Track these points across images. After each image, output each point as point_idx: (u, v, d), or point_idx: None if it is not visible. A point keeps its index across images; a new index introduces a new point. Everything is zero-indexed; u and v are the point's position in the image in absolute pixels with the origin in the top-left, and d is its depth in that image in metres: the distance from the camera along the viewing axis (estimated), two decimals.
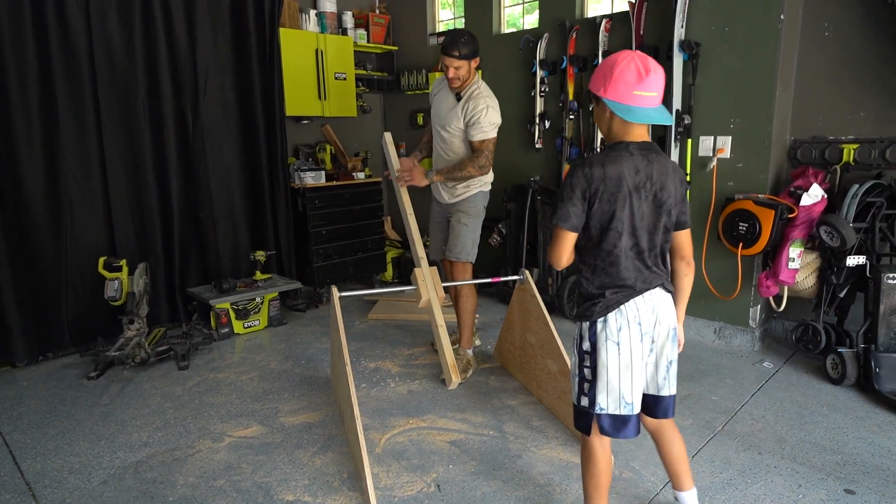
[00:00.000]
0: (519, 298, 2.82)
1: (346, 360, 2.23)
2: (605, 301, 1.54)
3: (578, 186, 1.49)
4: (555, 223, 1.54)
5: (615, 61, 1.46)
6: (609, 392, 1.56)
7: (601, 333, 1.55)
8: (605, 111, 1.50)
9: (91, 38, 3.21)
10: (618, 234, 1.50)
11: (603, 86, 1.46)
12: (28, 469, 2.20)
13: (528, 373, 2.82)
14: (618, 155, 1.49)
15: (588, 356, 1.58)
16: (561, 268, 1.59)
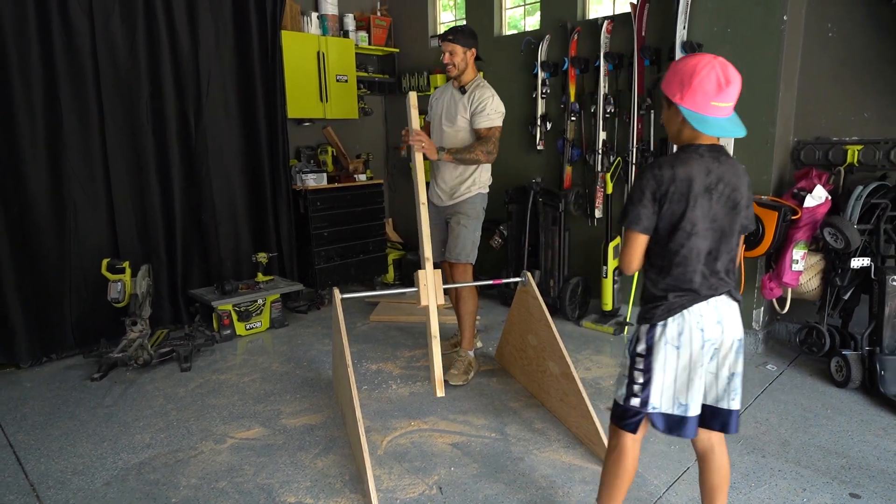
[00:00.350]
0: (520, 300, 2.82)
1: (348, 361, 2.23)
2: (667, 304, 1.50)
3: (648, 188, 1.47)
4: (626, 226, 1.51)
5: (695, 68, 1.39)
6: (664, 392, 1.53)
7: (661, 338, 1.51)
8: (677, 116, 1.47)
9: (94, 39, 3.22)
10: (686, 234, 1.47)
11: (679, 92, 1.42)
12: (32, 470, 2.20)
13: (529, 375, 2.81)
14: (688, 157, 1.47)
15: (642, 359, 1.54)
16: (632, 272, 1.56)
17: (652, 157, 3.45)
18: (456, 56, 2.80)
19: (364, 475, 1.99)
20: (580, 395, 2.32)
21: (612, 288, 3.63)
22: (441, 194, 2.99)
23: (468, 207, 2.94)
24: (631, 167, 3.54)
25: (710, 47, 3.15)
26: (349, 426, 2.37)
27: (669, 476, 2.11)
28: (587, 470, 2.16)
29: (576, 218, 3.88)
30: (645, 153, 3.48)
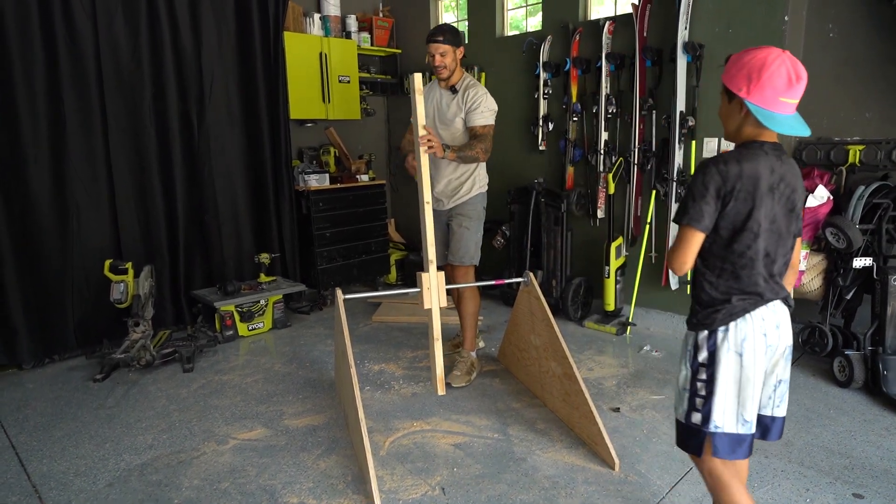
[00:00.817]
0: (523, 301, 2.82)
1: (351, 362, 2.23)
2: (729, 307, 1.41)
3: (713, 183, 1.37)
4: (685, 223, 1.40)
5: (764, 62, 1.32)
6: (727, 408, 1.42)
7: (722, 343, 1.42)
8: (738, 110, 1.39)
9: (98, 41, 3.23)
10: (753, 235, 1.39)
11: (746, 86, 1.34)
12: (34, 471, 2.21)
13: (531, 375, 2.81)
14: (753, 153, 1.38)
15: (704, 368, 1.43)
16: (683, 272, 1.44)
17: (654, 157, 3.45)
18: (447, 57, 2.77)
19: (367, 476, 1.99)
20: (582, 395, 2.31)
21: (615, 288, 3.63)
22: (441, 197, 2.95)
23: (469, 209, 2.94)
24: (633, 167, 3.54)
25: (712, 48, 3.15)
26: (351, 427, 2.37)
27: (672, 477, 2.11)
28: (590, 471, 2.15)
29: (578, 218, 3.88)
30: (647, 153, 3.48)
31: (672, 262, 1.45)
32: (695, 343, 1.46)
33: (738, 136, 1.45)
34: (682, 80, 3.23)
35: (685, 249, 1.42)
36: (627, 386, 2.87)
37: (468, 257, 2.94)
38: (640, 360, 3.21)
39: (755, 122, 1.37)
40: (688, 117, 3.25)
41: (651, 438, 2.37)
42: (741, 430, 1.43)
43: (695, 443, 1.46)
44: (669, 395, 2.76)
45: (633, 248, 3.68)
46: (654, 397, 2.74)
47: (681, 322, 3.54)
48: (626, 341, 3.50)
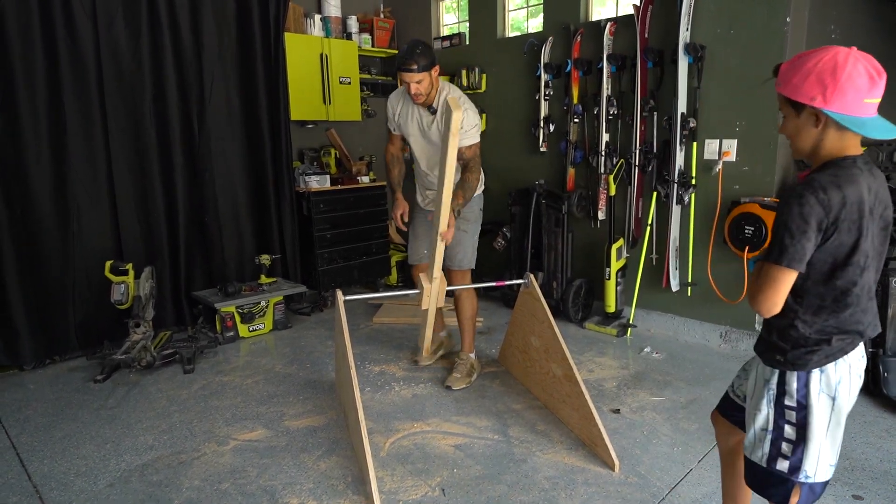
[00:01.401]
0: (524, 302, 2.82)
1: (351, 363, 2.23)
2: (827, 349, 1.26)
3: (814, 216, 1.16)
4: (785, 264, 1.19)
5: (836, 63, 1.15)
6: (821, 457, 1.28)
7: (815, 386, 1.26)
8: (813, 123, 1.21)
9: (98, 43, 3.24)
10: (859, 269, 1.22)
11: (822, 94, 1.16)
12: (35, 471, 2.21)
13: (532, 377, 2.81)
14: (850, 174, 1.19)
15: (794, 412, 1.28)
16: (772, 314, 1.26)
17: (655, 159, 3.45)
18: (423, 83, 2.55)
19: (367, 477, 2.00)
20: (583, 396, 2.32)
21: (615, 290, 3.63)
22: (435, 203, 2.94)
23: (467, 211, 2.90)
24: (634, 169, 3.54)
25: (714, 49, 3.15)
26: (351, 428, 2.37)
27: (672, 478, 2.11)
28: (590, 472, 2.15)
29: (579, 220, 3.88)
30: (648, 155, 3.48)
31: (760, 306, 1.26)
32: (780, 382, 1.30)
33: (817, 154, 1.25)
34: (684, 81, 3.23)
35: (777, 291, 1.23)
36: (628, 387, 2.86)
37: (467, 261, 2.92)
38: (641, 361, 3.21)
39: (836, 134, 1.20)
40: (689, 119, 3.25)
41: (651, 440, 2.37)
42: (829, 478, 1.31)
43: (781, 491, 1.31)
44: (670, 397, 2.75)
45: (633, 249, 3.68)
46: (654, 399, 2.74)
47: (681, 324, 3.54)
48: (627, 343, 3.50)
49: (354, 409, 2.13)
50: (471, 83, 4.44)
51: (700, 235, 3.37)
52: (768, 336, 1.34)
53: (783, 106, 1.26)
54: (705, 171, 3.30)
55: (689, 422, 2.51)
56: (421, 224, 2.95)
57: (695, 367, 3.11)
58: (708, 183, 3.29)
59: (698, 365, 3.13)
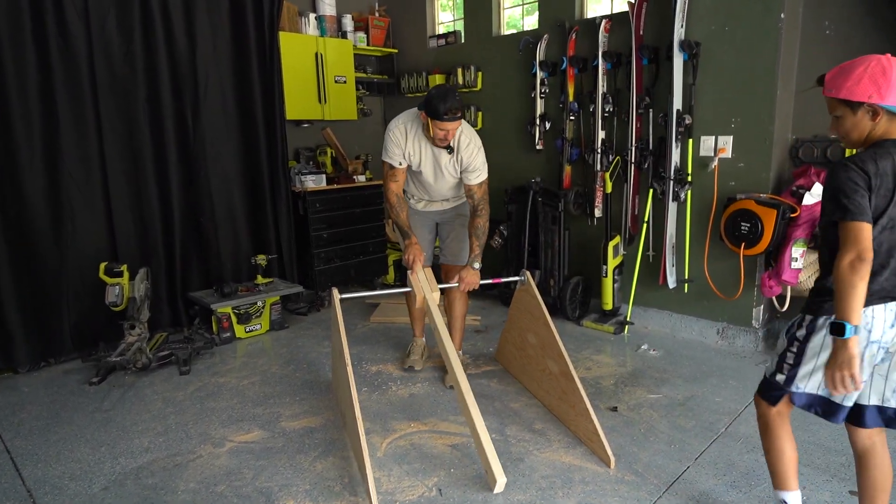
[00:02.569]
0: (520, 300, 2.81)
1: (348, 362, 2.22)
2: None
3: (860, 178, 1.41)
4: (849, 219, 1.39)
5: (882, 66, 1.43)
6: (811, 376, 1.56)
7: (822, 329, 1.52)
8: (870, 117, 1.47)
9: (90, 43, 3.21)
10: (882, 229, 1.44)
11: (876, 92, 1.43)
12: (29, 476, 2.20)
13: (529, 374, 2.81)
14: (885, 151, 1.45)
15: (797, 342, 1.58)
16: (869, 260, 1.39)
17: (651, 156, 3.44)
18: (455, 131, 2.56)
19: (364, 477, 1.99)
20: (578, 393, 2.32)
21: (613, 287, 3.63)
22: (440, 206, 2.95)
23: (467, 208, 2.90)
24: (630, 166, 3.53)
25: (709, 46, 3.15)
26: (349, 428, 2.37)
27: (669, 476, 2.11)
28: (587, 470, 2.15)
29: (575, 217, 3.87)
30: (644, 152, 3.47)
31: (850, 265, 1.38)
32: (799, 322, 1.60)
33: (865, 142, 1.51)
34: (679, 78, 3.23)
35: (858, 241, 1.39)
36: (625, 385, 2.86)
37: (462, 257, 2.93)
38: (638, 359, 3.20)
39: (886, 124, 1.46)
40: (684, 115, 3.24)
41: (648, 437, 2.37)
42: (822, 394, 1.57)
43: (774, 396, 1.66)
44: (667, 394, 2.75)
45: (630, 246, 3.68)
46: (651, 396, 2.73)
47: (678, 321, 3.54)
48: (624, 340, 3.49)
49: (351, 409, 2.12)
50: (466, 81, 4.43)
51: (696, 232, 3.37)
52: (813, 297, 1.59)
53: (837, 108, 1.51)
54: (701, 168, 3.30)
55: (687, 419, 2.51)
56: (419, 227, 2.94)
57: (692, 363, 3.10)
58: (704, 179, 3.29)
59: (695, 362, 3.13)
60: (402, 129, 2.67)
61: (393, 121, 2.73)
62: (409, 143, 2.68)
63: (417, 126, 2.67)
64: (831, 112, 1.54)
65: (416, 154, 2.70)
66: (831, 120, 1.55)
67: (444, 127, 2.50)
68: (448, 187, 2.83)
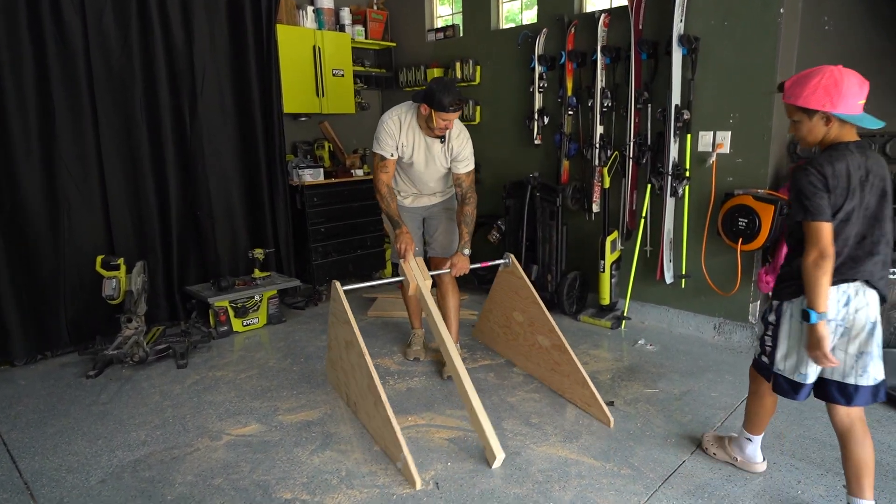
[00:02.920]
0: (504, 281, 2.95)
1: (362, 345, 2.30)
2: (797, 285, 1.68)
3: (818, 181, 1.59)
4: (810, 219, 1.59)
5: (835, 78, 1.59)
6: (787, 359, 1.78)
7: (786, 312, 1.75)
8: (824, 123, 1.64)
9: (87, 37, 3.19)
10: (841, 223, 1.63)
11: (830, 101, 1.59)
12: (26, 468, 2.20)
13: (515, 349, 2.99)
14: (841, 154, 1.62)
15: (771, 326, 1.81)
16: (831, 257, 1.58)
17: (649, 151, 3.44)
18: (455, 122, 2.68)
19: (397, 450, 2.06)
20: (574, 363, 2.52)
21: (610, 282, 3.63)
22: (428, 201, 3.01)
23: (453, 202, 2.98)
24: (628, 161, 3.53)
25: (708, 41, 3.14)
26: (364, 413, 2.43)
27: (666, 469, 2.12)
28: (584, 464, 2.16)
29: (573, 212, 3.87)
30: (642, 147, 3.47)
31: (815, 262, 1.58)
32: (769, 306, 1.82)
33: (822, 143, 1.69)
34: (678, 73, 3.22)
35: (820, 239, 1.58)
36: (622, 380, 2.87)
37: (451, 250, 2.99)
38: (635, 353, 3.21)
39: (837, 129, 1.64)
40: (683, 111, 3.24)
41: (645, 432, 2.38)
42: (796, 379, 1.77)
43: (766, 372, 1.87)
44: (663, 389, 2.76)
45: (628, 242, 3.68)
46: (648, 391, 2.74)
47: (675, 316, 3.55)
48: (621, 335, 3.50)
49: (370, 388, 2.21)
50: (465, 75, 4.41)
51: (694, 227, 3.37)
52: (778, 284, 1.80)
53: (795, 113, 1.68)
54: (699, 164, 3.30)
55: (683, 413, 2.52)
56: (407, 222, 2.95)
57: (688, 358, 3.11)
58: (702, 175, 3.29)
59: (692, 357, 3.14)
60: (397, 120, 2.73)
61: (386, 113, 2.78)
62: (402, 135, 2.74)
63: (411, 117, 2.73)
64: (790, 116, 1.70)
65: (409, 144, 2.76)
66: (790, 123, 1.72)
67: (447, 118, 2.59)
68: (437, 178, 2.89)
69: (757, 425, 2.02)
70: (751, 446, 2.06)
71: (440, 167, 2.85)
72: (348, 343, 2.47)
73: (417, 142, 2.77)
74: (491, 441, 2.15)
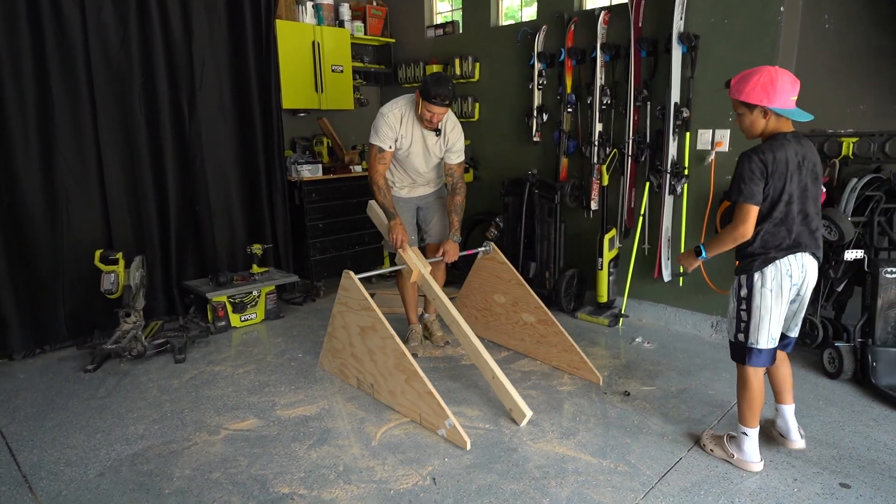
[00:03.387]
0: (484, 266, 3.15)
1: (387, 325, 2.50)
2: (764, 257, 1.92)
3: (757, 169, 1.86)
4: (742, 201, 1.87)
5: (770, 77, 1.83)
6: (760, 330, 1.96)
7: (757, 282, 1.95)
8: (762, 116, 1.89)
9: (86, 31, 3.18)
10: (786, 204, 1.89)
11: (767, 97, 1.84)
12: (24, 461, 2.20)
13: (496, 328, 3.24)
14: (780, 143, 1.88)
15: (745, 301, 1.98)
16: (746, 239, 1.91)
17: (648, 148, 3.45)
18: (442, 116, 2.76)
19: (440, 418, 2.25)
20: (561, 334, 2.82)
21: (608, 280, 3.64)
22: (423, 190, 3.10)
23: (444, 191, 3.12)
24: (627, 159, 3.53)
25: (707, 39, 3.14)
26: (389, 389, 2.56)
27: (662, 466, 2.13)
28: (580, 461, 2.17)
29: (572, 210, 3.87)
30: (641, 145, 3.47)
31: (735, 233, 1.91)
32: (738, 283, 2.00)
33: (762, 135, 1.94)
34: (677, 71, 3.22)
35: (747, 221, 1.89)
36: (619, 377, 2.88)
37: (447, 234, 3.09)
38: (632, 351, 3.22)
39: (775, 121, 1.89)
40: (682, 108, 3.24)
41: (641, 429, 2.39)
42: (769, 346, 1.99)
43: (740, 354, 2.04)
44: (660, 386, 2.77)
45: (626, 239, 3.68)
46: (645, 388, 2.75)
47: (673, 314, 3.56)
48: (619, 333, 3.51)
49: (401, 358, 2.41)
50: (464, 72, 4.41)
51: (692, 226, 3.37)
52: (736, 257, 2.02)
53: (738, 107, 1.94)
54: (698, 162, 3.30)
55: (680, 411, 2.53)
56: (403, 212, 3.04)
57: (685, 356, 3.12)
58: (700, 173, 3.29)
59: (689, 355, 3.15)
60: (398, 113, 2.82)
61: (386, 106, 2.85)
62: (402, 127, 2.83)
63: (410, 110, 2.83)
64: (735, 110, 1.96)
65: (407, 136, 2.86)
66: (735, 116, 1.97)
67: (431, 110, 2.69)
68: (431, 167, 3.01)
69: (751, 417, 2.06)
70: (748, 442, 2.08)
71: (435, 157, 2.96)
72: (365, 329, 2.58)
73: (416, 134, 2.86)
74: (518, 401, 2.38)
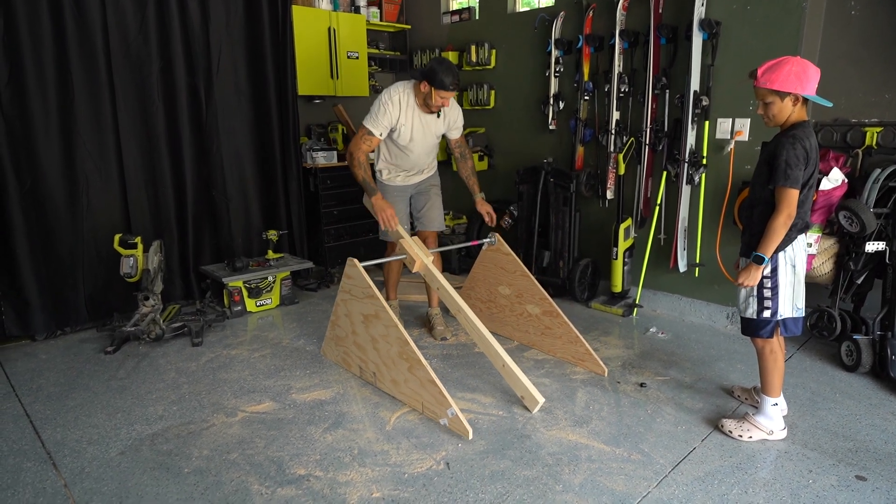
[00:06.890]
0: (489, 258, 3.12)
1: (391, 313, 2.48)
2: (790, 237, 2.04)
3: (801, 155, 1.95)
4: (790, 186, 1.95)
5: (802, 66, 1.94)
6: (786, 303, 2.10)
7: (782, 259, 2.07)
8: (793, 103, 1.98)
9: (105, 15, 3.20)
10: (809, 188, 2.03)
11: (800, 85, 1.94)
12: (48, 439, 2.26)
13: (500, 320, 3.20)
14: (810, 131, 2.00)
15: (769, 279, 2.09)
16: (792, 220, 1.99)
17: (666, 138, 3.40)
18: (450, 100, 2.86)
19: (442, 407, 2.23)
20: (566, 325, 2.80)
21: (622, 270, 3.62)
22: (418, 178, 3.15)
23: (437, 178, 3.22)
24: (644, 148, 3.49)
25: (729, 25, 3.08)
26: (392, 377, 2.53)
27: (675, 456, 2.13)
28: (593, 448, 2.17)
29: (587, 199, 3.85)
30: (659, 134, 3.43)
31: (785, 220, 1.98)
32: None
33: (786, 123, 2.03)
34: (698, 58, 3.17)
35: (791, 205, 1.97)
36: (632, 367, 2.87)
37: (439, 223, 3.23)
38: (646, 341, 3.21)
39: (801, 109, 2.00)
40: (702, 97, 3.19)
41: (655, 418, 2.39)
42: (797, 315, 2.15)
43: (768, 329, 2.13)
44: (674, 377, 2.76)
45: (641, 229, 3.66)
46: (659, 378, 2.75)
47: (688, 304, 3.54)
48: (633, 323, 3.50)
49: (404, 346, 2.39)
50: (480, 59, 4.37)
51: (709, 216, 3.34)
52: (750, 240, 2.13)
53: (768, 96, 2.00)
54: (717, 151, 3.26)
55: (694, 401, 2.52)
56: (396, 201, 3.09)
57: (700, 347, 3.11)
58: (719, 163, 3.25)
59: (703, 346, 3.13)
60: (397, 100, 2.85)
61: (386, 92, 2.87)
62: (402, 114, 2.87)
63: (410, 96, 2.87)
64: (761, 99, 2.02)
65: (407, 123, 2.90)
66: (760, 105, 2.04)
67: (446, 96, 2.79)
68: (429, 151, 3.08)
69: (778, 387, 2.18)
70: (777, 411, 2.21)
71: (433, 139, 3.04)
72: (368, 317, 2.57)
73: (415, 119, 2.91)
74: (530, 389, 2.39)
